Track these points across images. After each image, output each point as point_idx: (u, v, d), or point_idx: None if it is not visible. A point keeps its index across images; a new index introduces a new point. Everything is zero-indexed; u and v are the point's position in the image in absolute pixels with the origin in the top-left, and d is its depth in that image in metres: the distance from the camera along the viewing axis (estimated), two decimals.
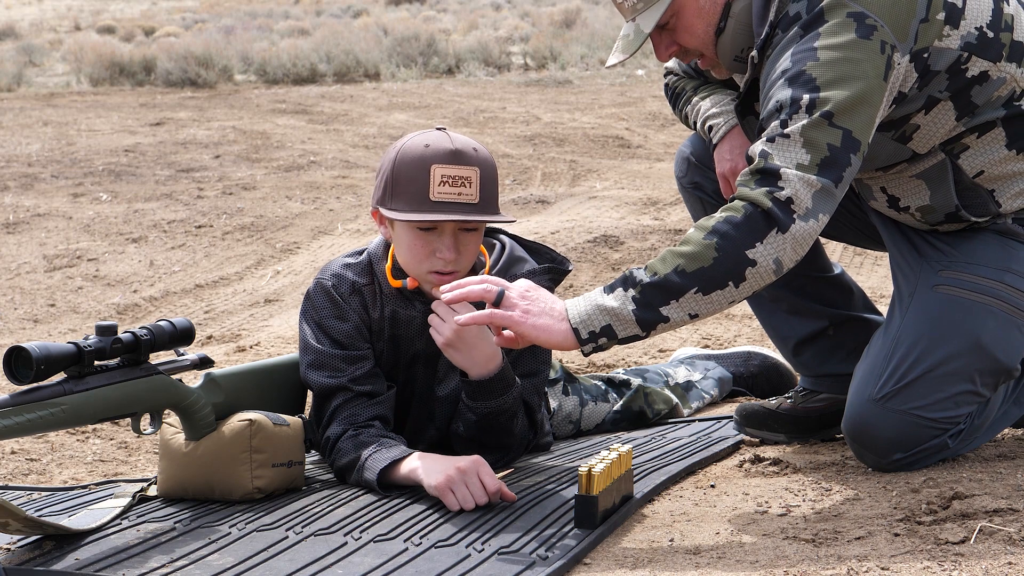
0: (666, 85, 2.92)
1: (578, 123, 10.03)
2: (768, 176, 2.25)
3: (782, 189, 2.23)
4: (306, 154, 8.75)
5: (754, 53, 2.44)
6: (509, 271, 2.60)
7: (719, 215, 2.25)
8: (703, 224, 2.25)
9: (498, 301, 2.28)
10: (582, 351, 2.27)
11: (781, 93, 2.31)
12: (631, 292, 2.23)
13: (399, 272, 2.59)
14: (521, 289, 2.30)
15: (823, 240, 2.96)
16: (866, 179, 2.60)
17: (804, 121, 2.26)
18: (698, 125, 2.80)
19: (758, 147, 2.29)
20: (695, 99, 2.81)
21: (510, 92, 12.50)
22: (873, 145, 2.44)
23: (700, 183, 2.86)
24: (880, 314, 2.92)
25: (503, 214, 2.51)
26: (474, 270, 2.60)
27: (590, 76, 13.65)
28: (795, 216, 2.23)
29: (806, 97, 2.27)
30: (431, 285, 2.52)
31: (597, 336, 2.24)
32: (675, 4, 2.48)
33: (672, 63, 2.88)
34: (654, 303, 2.23)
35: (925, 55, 2.36)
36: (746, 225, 2.22)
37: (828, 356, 2.85)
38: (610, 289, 2.26)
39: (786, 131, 2.27)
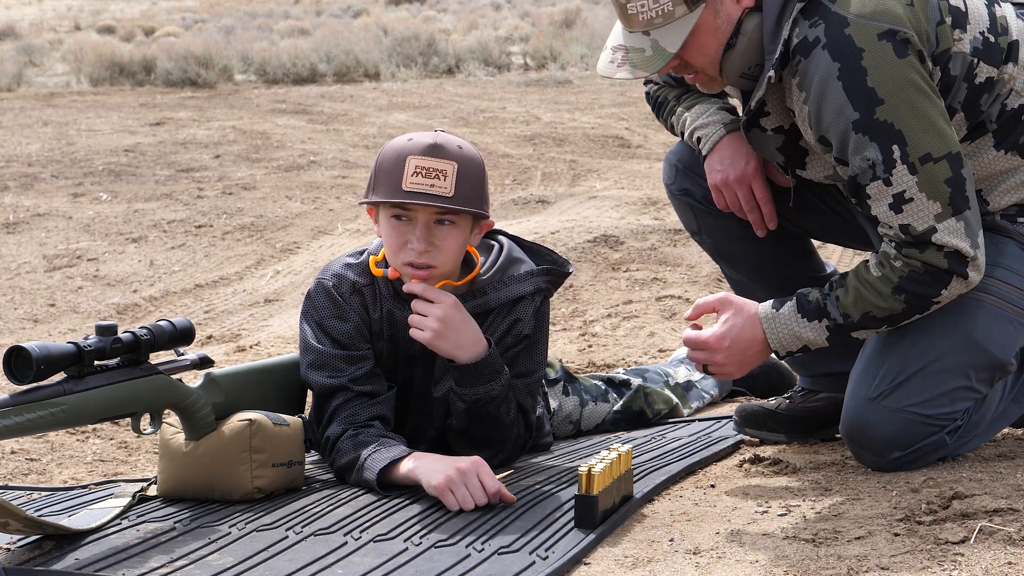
0: (647, 94, 2.90)
1: (578, 123, 10.03)
2: (924, 243, 2.36)
3: (943, 248, 2.36)
4: (306, 154, 8.75)
5: (771, 74, 2.42)
6: (506, 272, 2.61)
7: (899, 268, 2.39)
8: (887, 276, 2.40)
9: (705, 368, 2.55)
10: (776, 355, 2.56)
11: (867, 149, 2.35)
12: (825, 322, 2.46)
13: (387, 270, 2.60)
14: (718, 334, 2.51)
15: (816, 243, 2.96)
16: None
17: (914, 179, 2.34)
18: (685, 136, 2.79)
19: (893, 221, 2.37)
20: (679, 109, 2.80)
21: (510, 92, 12.50)
22: None
23: (689, 189, 2.86)
24: None
25: (485, 213, 2.51)
26: (469, 270, 2.61)
27: (590, 76, 13.64)
28: (968, 259, 2.38)
29: (895, 149, 2.34)
30: (408, 279, 2.52)
31: (794, 353, 2.54)
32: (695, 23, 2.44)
33: None
34: (847, 331, 2.47)
35: (945, 58, 2.39)
36: (930, 280, 2.39)
37: (825, 355, 2.84)
38: (806, 317, 2.47)
39: (905, 195, 2.35)
